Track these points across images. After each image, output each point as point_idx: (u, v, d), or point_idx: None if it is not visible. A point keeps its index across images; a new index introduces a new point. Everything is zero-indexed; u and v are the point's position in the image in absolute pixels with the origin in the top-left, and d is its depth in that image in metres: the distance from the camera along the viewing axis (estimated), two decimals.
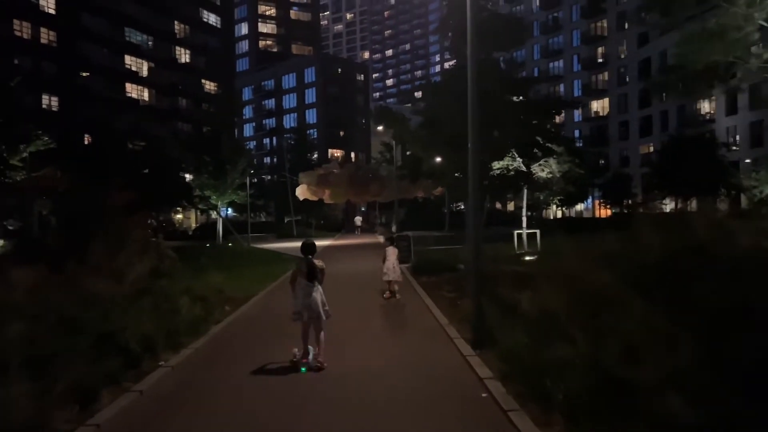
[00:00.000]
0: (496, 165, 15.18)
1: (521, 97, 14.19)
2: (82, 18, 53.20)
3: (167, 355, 7.18)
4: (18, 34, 47.33)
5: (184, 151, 37.95)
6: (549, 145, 16.26)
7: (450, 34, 14.38)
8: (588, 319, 4.75)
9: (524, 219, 21.80)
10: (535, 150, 16.27)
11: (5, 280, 6.50)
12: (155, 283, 8.73)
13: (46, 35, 49.89)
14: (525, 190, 20.61)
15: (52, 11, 50.41)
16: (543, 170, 18.83)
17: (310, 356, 6.83)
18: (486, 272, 14.35)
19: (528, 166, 16.56)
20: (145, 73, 61.51)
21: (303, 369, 6.68)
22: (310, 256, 6.94)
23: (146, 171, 34.12)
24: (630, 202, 53.02)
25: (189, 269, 14.36)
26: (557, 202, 42.62)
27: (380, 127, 23.85)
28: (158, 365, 6.79)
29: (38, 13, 49.14)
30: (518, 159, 16.32)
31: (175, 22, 66.21)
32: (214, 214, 39.86)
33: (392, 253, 12.18)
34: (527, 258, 16.98)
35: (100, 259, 9.54)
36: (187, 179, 39.91)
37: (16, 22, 47.11)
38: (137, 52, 60.19)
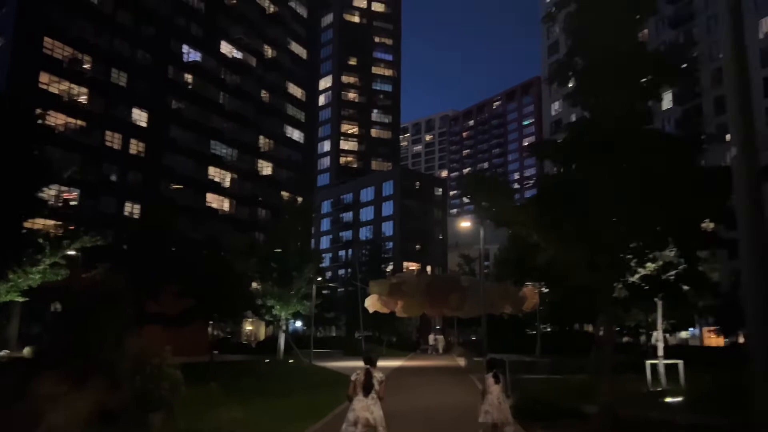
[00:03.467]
0: (650, 265, 10.32)
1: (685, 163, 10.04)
2: (170, 131, 55.26)
3: None
4: (109, 144, 49.17)
5: (252, 259, 35.77)
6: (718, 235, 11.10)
7: (573, 80, 10.98)
8: None
9: (660, 345, 16.59)
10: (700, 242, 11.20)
11: None
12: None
13: (135, 146, 51.69)
14: (660, 304, 15.87)
15: (143, 124, 52.63)
16: None
17: None
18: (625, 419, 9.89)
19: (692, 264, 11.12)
20: (227, 183, 62.44)
21: None
22: (369, 367, 7.11)
23: (210, 278, 31.86)
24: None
25: (209, 394, 10.90)
26: (668, 326, 36.22)
27: (465, 223, 20.21)
28: None
29: (130, 126, 51.30)
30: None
31: (260, 137, 68.13)
32: (283, 326, 36.70)
33: (494, 384, 8.37)
34: (670, 399, 12.30)
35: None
36: (254, 287, 37.46)
37: (108, 133, 49.13)
38: (221, 163, 61.52)
